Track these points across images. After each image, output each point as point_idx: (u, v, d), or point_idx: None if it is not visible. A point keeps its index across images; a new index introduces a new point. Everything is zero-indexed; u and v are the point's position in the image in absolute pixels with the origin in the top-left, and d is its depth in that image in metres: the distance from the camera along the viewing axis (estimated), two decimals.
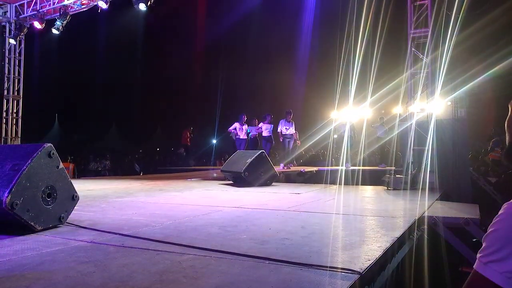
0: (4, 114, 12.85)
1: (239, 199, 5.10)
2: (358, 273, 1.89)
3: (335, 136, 16.21)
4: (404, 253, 2.79)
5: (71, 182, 3.38)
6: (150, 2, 10.58)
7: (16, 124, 13.22)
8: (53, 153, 3.18)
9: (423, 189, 6.20)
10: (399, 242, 2.70)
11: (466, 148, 7.97)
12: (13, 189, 2.82)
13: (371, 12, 9.53)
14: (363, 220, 3.42)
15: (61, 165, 3.27)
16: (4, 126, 12.86)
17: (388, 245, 2.46)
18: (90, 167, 19.55)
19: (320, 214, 3.87)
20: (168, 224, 3.32)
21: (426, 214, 3.78)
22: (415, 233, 3.17)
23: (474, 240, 3.91)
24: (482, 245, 0.98)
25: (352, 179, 9.40)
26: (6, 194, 2.79)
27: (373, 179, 9.48)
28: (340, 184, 8.57)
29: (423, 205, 4.30)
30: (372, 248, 2.40)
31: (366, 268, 1.97)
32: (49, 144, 3.17)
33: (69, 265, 2.13)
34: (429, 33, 7.59)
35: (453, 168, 7.54)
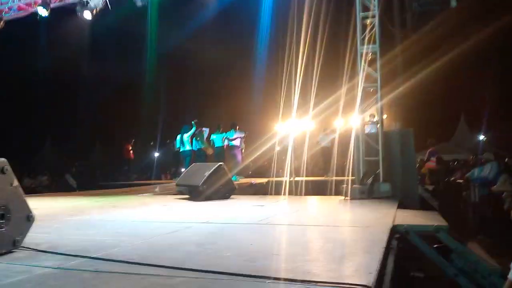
0: None
1: (204, 214, 4.90)
2: (369, 287, 1.82)
3: (278, 148, 16.47)
4: (391, 262, 2.79)
5: (25, 201, 3.02)
6: (96, 11, 10.08)
7: None
8: (6, 169, 2.82)
9: (380, 198, 6.39)
10: (386, 252, 2.70)
11: (413, 159, 8.37)
12: None
13: (310, 26, 9.85)
14: (342, 231, 3.41)
15: (16, 182, 2.92)
16: None
17: (380, 256, 2.43)
18: (24, 184, 18.04)
19: (296, 226, 3.81)
20: (139, 244, 3.07)
21: (395, 222, 3.86)
22: (393, 242, 3.20)
23: (436, 246, 4.06)
24: (448, 250, 0.98)
25: (296, 190, 9.52)
26: None
27: (315, 189, 9.72)
28: (288, 194, 8.67)
29: (389, 214, 4.40)
30: (366, 260, 2.35)
31: (374, 281, 1.91)
32: (2, 159, 2.81)
33: None
34: (378, 49, 7.92)
35: (403, 178, 7.89)
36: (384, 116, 9.49)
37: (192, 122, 12.04)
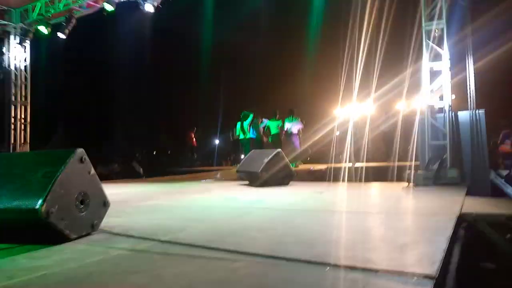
0: (13, 120, 12.76)
1: (264, 200, 4.99)
2: (432, 277, 1.78)
3: (338, 133, 16.14)
4: (458, 253, 2.69)
5: (102, 188, 3.29)
6: (158, 3, 10.47)
7: (25, 130, 13.13)
8: (84, 158, 3.08)
9: (447, 184, 6.09)
10: (452, 242, 2.60)
11: (484, 142, 7.84)
12: (47, 197, 2.72)
13: (374, 5, 9.41)
14: (404, 219, 3.32)
15: (93, 171, 3.18)
16: (13, 132, 12.77)
17: (445, 245, 2.35)
18: (98, 172, 19.40)
19: (357, 213, 3.77)
20: (204, 228, 3.22)
21: (462, 210, 3.68)
22: (460, 232, 3.07)
23: (509, 236, 3.81)
24: None
25: (356, 176, 9.31)
26: (40, 202, 2.70)
27: (376, 175, 9.43)
28: (348, 181, 8.51)
29: (456, 201, 4.19)
30: (429, 250, 2.29)
31: (437, 272, 1.86)
32: (80, 149, 3.07)
33: (119, 276, 2.03)
34: (445, 25, 7.46)
35: (472, 163, 7.43)
36: (453, 97, 8.94)
37: (249, 111, 12.21)
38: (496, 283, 5.39)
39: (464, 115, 7.99)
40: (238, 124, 12.29)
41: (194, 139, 17.64)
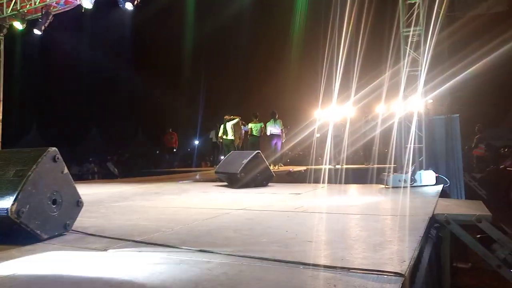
0: None
1: (241, 201, 4.99)
2: (402, 275, 1.82)
3: (318, 135, 16.30)
4: (429, 252, 2.75)
5: (75, 187, 3.23)
6: (137, 1, 10.35)
7: None
8: (58, 158, 3.02)
9: (422, 187, 6.22)
10: (423, 241, 2.66)
11: (459, 146, 8.06)
12: (18, 197, 2.65)
13: (354, 9, 9.57)
14: (379, 220, 3.37)
15: (66, 170, 3.11)
16: None
17: (416, 244, 2.40)
18: (72, 172, 19.05)
19: (334, 214, 3.81)
20: (179, 229, 3.20)
21: (435, 212, 3.77)
22: (432, 232, 3.14)
23: (479, 236, 3.92)
24: (490, 240, 0.95)
25: (335, 178, 9.42)
26: (11, 202, 2.62)
27: (356, 177, 9.56)
28: (328, 183, 8.60)
29: (430, 203, 4.29)
30: (401, 249, 2.34)
31: (407, 270, 1.90)
32: (53, 148, 3.01)
33: (91, 276, 2.00)
34: (423, 31, 7.65)
35: (447, 166, 7.64)
36: (430, 101, 9.16)
37: (235, 116, 12.33)
38: (469, 281, 5.54)
39: (439, 120, 8.20)
40: (222, 126, 12.32)
41: (173, 140, 17.45)
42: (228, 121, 12.18)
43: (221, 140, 12.69)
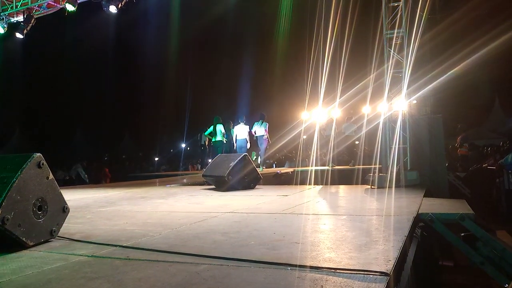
0: None
1: (229, 204, 5.00)
2: (387, 274, 1.86)
3: (304, 137, 16.39)
4: (414, 251, 2.80)
5: (61, 193, 3.20)
6: (121, 4, 10.29)
7: None
8: (42, 163, 2.99)
9: (407, 186, 6.32)
10: (408, 241, 2.71)
11: (442, 146, 8.19)
12: (3, 204, 2.62)
13: (338, 13, 9.69)
14: (365, 220, 3.42)
15: (51, 176, 3.08)
16: None
17: (401, 244, 2.45)
18: (58, 176, 18.78)
19: (321, 215, 3.85)
20: (167, 233, 3.19)
21: (420, 211, 3.84)
22: (416, 231, 3.20)
23: (463, 234, 4.01)
24: (474, 238, 0.98)
25: (322, 179, 9.50)
26: None
27: (342, 178, 9.65)
28: (314, 184, 8.67)
29: (414, 202, 4.37)
30: (386, 248, 2.38)
31: (392, 269, 1.95)
32: (38, 154, 2.98)
33: (78, 282, 1.99)
34: (406, 33, 7.77)
35: (430, 165, 7.75)
36: (414, 102, 9.30)
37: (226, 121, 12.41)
38: (454, 279, 5.63)
39: (423, 120, 8.33)
40: (211, 127, 12.31)
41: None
42: (218, 122, 12.18)
43: (207, 142, 12.68)
